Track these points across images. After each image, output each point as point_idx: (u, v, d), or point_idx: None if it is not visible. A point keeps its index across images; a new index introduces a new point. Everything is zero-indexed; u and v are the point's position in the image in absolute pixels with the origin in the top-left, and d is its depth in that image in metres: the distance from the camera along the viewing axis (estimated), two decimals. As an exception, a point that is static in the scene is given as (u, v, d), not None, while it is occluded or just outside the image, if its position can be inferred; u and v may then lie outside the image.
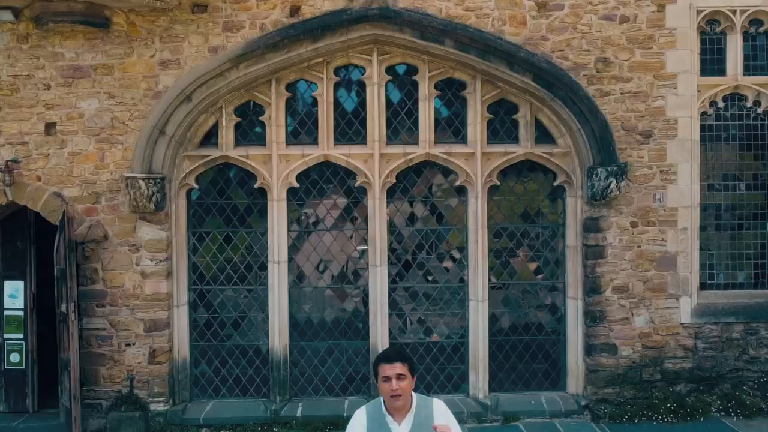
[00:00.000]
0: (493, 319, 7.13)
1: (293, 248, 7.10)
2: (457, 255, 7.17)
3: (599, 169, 6.61)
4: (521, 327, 7.20)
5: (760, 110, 7.04)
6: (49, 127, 6.66)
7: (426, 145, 6.97)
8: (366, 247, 7.01)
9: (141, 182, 6.45)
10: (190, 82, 6.56)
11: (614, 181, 6.56)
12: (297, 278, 7.13)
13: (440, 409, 3.21)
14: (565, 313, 7.12)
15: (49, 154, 6.66)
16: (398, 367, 3.08)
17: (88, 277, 6.70)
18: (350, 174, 7.06)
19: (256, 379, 7.10)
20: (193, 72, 6.58)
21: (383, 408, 3.18)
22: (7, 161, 6.52)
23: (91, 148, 6.68)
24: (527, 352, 7.17)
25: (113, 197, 6.70)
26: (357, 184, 7.02)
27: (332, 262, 7.14)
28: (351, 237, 7.17)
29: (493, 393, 7.06)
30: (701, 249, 7.05)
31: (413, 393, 3.22)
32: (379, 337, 6.98)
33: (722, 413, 6.75)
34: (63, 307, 6.42)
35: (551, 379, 7.20)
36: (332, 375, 7.15)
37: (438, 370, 7.14)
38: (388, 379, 3.08)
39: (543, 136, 7.07)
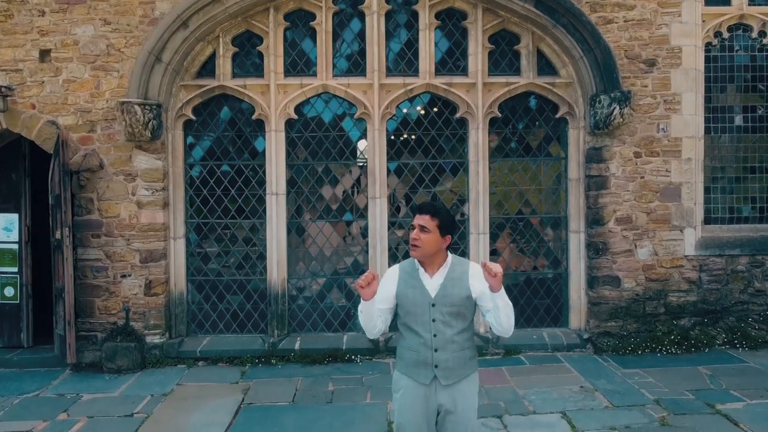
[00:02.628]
0: (493, 253, 7.02)
1: (291, 182, 6.99)
2: (457, 188, 7.06)
3: (602, 96, 6.50)
4: (522, 262, 7.10)
5: (765, 40, 6.93)
6: (44, 54, 6.55)
7: (426, 76, 6.86)
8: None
9: (137, 108, 6.34)
10: (187, 8, 6.44)
11: (617, 108, 6.44)
12: (295, 212, 7.03)
13: (475, 269, 3.06)
14: (567, 247, 7.02)
15: (43, 82, 6.56)
16: (423, 219, 2.97)
17: (83, 206, 6.60)
18: (350, 106, 6.96)
19: (254, 314, 7.00)
20: (190, -2, 6.48)
21: (416, 262, 3.07)
22: (3, 87, 6.41)
23: (86, 75, 6.57)
24: (529, 288, 7.07)
25: (109, 126, 6.59)
26: (356, 115, 6.91)
27: (331, 195, 7.04)
28: (350, 170, 7.07)
29: (494, 329, 6.94)
30: (705, 184, 6.95)
31: (450, 254, 3.10)
32: (379, 271, 6.87)
33: (727, 346, 6.65)
34: (57, 234, 6.32)
35: (553, 316, 7.10)
36: (331, 311, 7.05)
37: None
38: (413, 227, 2.99)
39: (545, 67, 6.96)
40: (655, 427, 4.70)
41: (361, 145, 7.03)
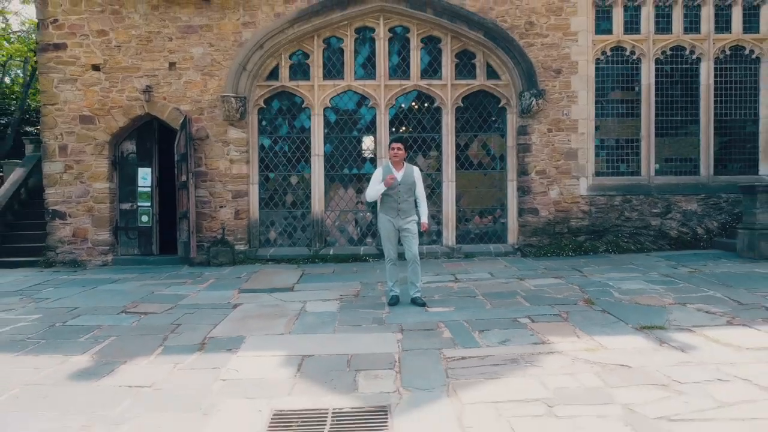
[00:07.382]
0: (459, 196, 10.78)
1: (327, 148, 10.76)
2: (435, 153, 10.83)
3: (526, 93, 10.26)
4: (478, 200, 10.85)
5: (634, 57, 10.68)
6: (171, 65, 10.33)
7: (415, 79, 10.62)
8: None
9: (232, 99, 10.12)
10: (262, 36, 10.22)
11: (534, 100, 10.20)
12: (330, 167, 10.79)
13: (416, 170, 6.85)
14: (507, 191, 10.77)
15: (171, 83, 10.33)
16: (398, 144, 6.70)
17: (195, 162, 10.37)
18: (365, 99, 10.72)
19: (303, 234, 10.77)
20: (264, 30, 10.25)
21: (390, 164, 6.82)
22: (146, 86, 10.19)
23: (198, 78, 10.35)
24: (482, 218, 10.84)
25: (212, 111, 10.36)
26: (369, 105, 10.68)
27: (352, 156, 10.80)
28: (364, 140, 10.84)
29: (458, 244, 10.72)
30: (595, 150, 10.68)
31: (405, 162, 6.85)
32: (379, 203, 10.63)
33: (606, 252, 10.38)
34: (183, 177, 10.10)
35: (497, 236, 10.86)
36: (353, 232, 10.82)
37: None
38: (393, 148, 6.71)
39: (492, 74, 10.71)
40: (539, 274, 8.48)
41: (369, 142, 10.79)
